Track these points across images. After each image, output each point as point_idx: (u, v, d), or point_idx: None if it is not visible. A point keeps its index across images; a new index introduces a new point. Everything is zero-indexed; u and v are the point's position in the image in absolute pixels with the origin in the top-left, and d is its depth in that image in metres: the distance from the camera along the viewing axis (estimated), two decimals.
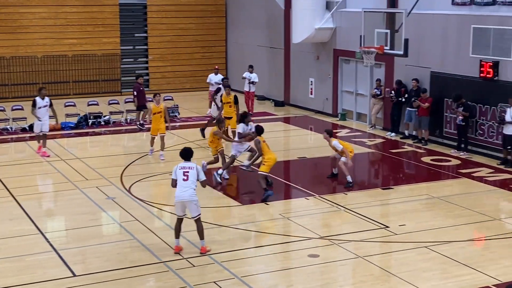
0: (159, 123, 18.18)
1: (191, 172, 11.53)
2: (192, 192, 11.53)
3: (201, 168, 11.70)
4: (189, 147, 12.05)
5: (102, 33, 29.05)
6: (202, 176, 11.65)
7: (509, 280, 10.29)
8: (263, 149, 14.87)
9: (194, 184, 11.57)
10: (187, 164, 11.65)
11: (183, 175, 11.54)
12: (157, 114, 18.11)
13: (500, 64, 17.78)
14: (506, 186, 15.74)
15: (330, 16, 23.76)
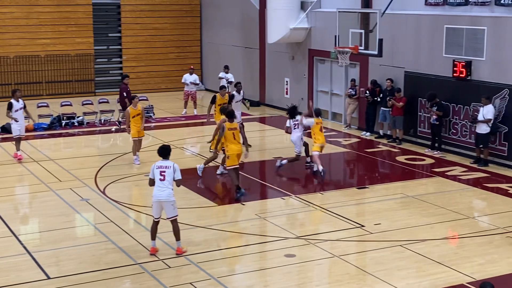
0: (139, 125, 17.87)
1: (167, 172, 11.46)
2: (169, 192, 11.48)
3: (178, 167, 11.60)
4: (167, 144, 11.98)
5: (76, 33, 28.82)
6: (178, 175, 11.57)
7: (483, 278, 10.39)
8: (226, 137, 14.75)
9: (171, 184, 11.52)
10: (164, 163, 11.57)
11: (160, 175, 11.48)
12: (136, 116, 17.82)
13: (472, 63, 17.96)
14: (479, 185, 15.90)
15: (305, 16, 23.83)
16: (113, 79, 30.20)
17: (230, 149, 14.83)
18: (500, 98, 17.23)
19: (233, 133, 14.82)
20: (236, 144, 14.88)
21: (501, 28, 17.22)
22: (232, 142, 14.82)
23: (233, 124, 14.87)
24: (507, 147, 17.22)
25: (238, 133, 14.90)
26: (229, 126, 14.82)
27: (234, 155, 14.82)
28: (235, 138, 14.83)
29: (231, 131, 14.80)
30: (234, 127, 14.86)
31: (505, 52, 17.16)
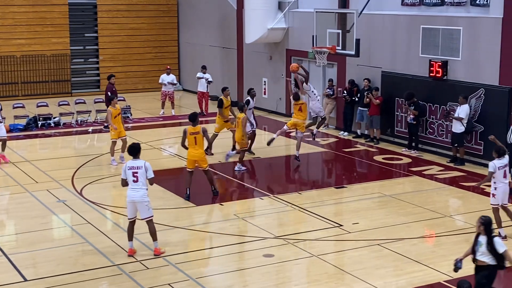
0: (121, 126, 17.69)
1: (140, 172, 11.43)
2: (143, 193, 11.46)
3: (149, 165, 11.55)
4: (137, 143, 11.95)
5: (51, 33, 28.58)
6: (151, 173, 11.55)
7: (460, 276, 10.46)
8: (188, 141, 14.55)
9: (145, 185, 11.49)
10: (135, 163, 11.52)
11: (133, 176, 11.45)
12: (118, 116, 17.64)
13: (449, 63, 18.10)
14: (456, 184, 16.04)
15: (282, 16, 23.86)
16: (89, 79, 30.03)
17: (188, 153, 14.64)
18: (476, 98, 17.40)
19: (195, 137, 14.47)
20: (195, 149, 14.52)
21: (477, 28, 17.38)
22: (192, 146, 14.52)
23: (195, 128, 14.45)
24: (483, 146, 17.38)
25: (200, 138, 14.47)
26: (191, 130, 14.48)
27: (191, 160, 14.61)
28: (196, 143, 14.49)
29: (193, 135, 14.47)
30: (197, 131, 14.44)
31: (480, 52, 17.32)
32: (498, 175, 12.04)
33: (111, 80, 22.46)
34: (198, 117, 14.66)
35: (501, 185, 12.08)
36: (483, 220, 9.19)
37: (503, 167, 12.04)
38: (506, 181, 12.15)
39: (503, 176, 12.05)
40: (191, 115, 14.65)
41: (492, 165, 12.05)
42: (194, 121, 14.51)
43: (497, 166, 11.99)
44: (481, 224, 9.17)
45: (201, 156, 14.62)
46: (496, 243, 9.07)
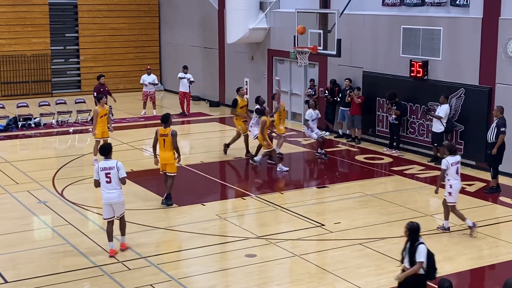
0: (105, 126, 17.57)
1: (112, 173, 11.45)
2: (119, 193, 11.55)
3: (121, 165, 11.56)
4: (108, 143, 11.94)
5: (32, 33, 28.38)
6: (123, 173, 11.56)
7: (441, 275, 10.53)
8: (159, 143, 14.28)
9: (118, 185, 11.53)
10: (107, 164, 11.51)
11: (106, 177, 11.45)
12: (104, 116, 17.49)
13: (429, 63, 18.21)
14: (436, 183, 16.08)
15: (264, 16, 23.87)
16: (70, 79, 29.85)
17: (159, 156, 14.32)
18: (456, 98, 17.52)
19: (164, 140, 14.07)
20: (163, 151, 14.14)
21: (457, 28, 17.51)
22: (161, 149, 14.16)
23: (165, 130, 14.08)
24: (463, 145, 17.50)
25: (169, 140, 14.02)
26: (161, 131, 14.14)
27: (161, 163, 14.29)
28: (165, 145, 14.07)
29: (162, 137, 14.09)
30: (166, 134, 14.07)
31: (460, 52, 17.44)
32: (451, 172, 12.33)
33: (100, 80, 22.35)
34: (170, 118, 14.27)
35: (455, 182, 12.41)
36: (410, 226, 8.94)
37: (456, 163, 12.36)
38: (458, 177, 12.48)
39: (456, 173, 12.37)
40: (163, 116, 14.37)
41: (444, 162, 12.35)
42: (166, 122, 14.16)
43: (449, 163, 12.28)
44: (407, 230, 8.92)
45: (170, 159, 14.17)
46: (418, 251, 8.74)
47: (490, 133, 15.13)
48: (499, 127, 14.87)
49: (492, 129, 15.11)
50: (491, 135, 15.07)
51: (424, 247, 8.75)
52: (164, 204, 14.20)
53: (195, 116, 24.87)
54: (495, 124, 15.01)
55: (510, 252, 11.78)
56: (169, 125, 14.17)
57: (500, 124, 14.88)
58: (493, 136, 14.97)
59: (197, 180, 16.58)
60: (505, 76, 16.37)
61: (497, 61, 16.48)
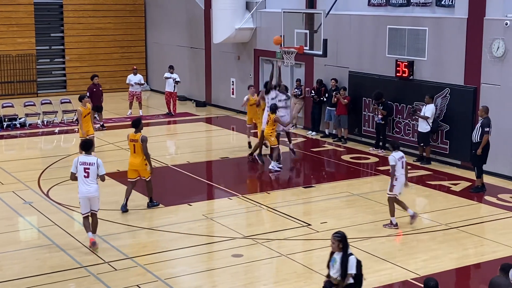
0: (90, 125, 17.70)
1: (92, 169, 11.66)
2: (96, 187, 11.75)
3: (101, 162, 11.72)
4: (89, 139, 11.98)
5: (17, 33, 28.21)
6: (102, 170, 11.72)
7: (427, 274, 10.60)
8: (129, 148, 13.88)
9: (95, 180, 11.72)
10: (88, 159, 11.70)
11: (84, 172, 11.65)
12: (87, 116, 17.62)
13: (415, 63, 18.29)
14: (422, 182, 16.21)
15: (250, 16, 23.88)
16: (55, 79, 29.70)
17: (129, 161, 13.97)
18: (442, 97, 17.61)
19: (134, 145, 13.67)
20: (134, 157, 13.75)
21: (442, 28, 17.59)
22: (131, 154, 13.80)
23: (135, 136, 13.66)
24: (448, 145, 17.60)
25: (139, 146, 13.60)
26: (131, 136, 13.74)
27: (130, 169, 13.89)
28: (135, 151, 13.69)
29: (132, 143, 13.69)
30: (136, 139, 13.63)
31: (446, 52, 17.54)
32: (397, 167, 12.73)
33: (94, 80, 22.26)
34: (141, 123, 13.94)
35: (400, 175, 12.76)
36: (340, 236, 8.51)
37: (401, 158, 12.78)
38: (403, 172, 12.84)
39: (401, 167, 12.76)
40: (134, 121, 13.99)
41: (392, 158, 12.74)
42: (136, 127, 13.78)
43: (396, 158, 12.71)
44: (336, 241, 8.50)
45: (140, 165, 13.74)
46: (350, 263, 8.44)
47: (475, 133, 15.22)
48: (483, 127, 14.94)
49: (477, 129, 15.19)
50: (476, 135, 15.15)
51: (354, 257, 8.49)
52: (151, 207, 14.11)
53: (181, 116, 24.83)
54: (480, 124, 15.10)
55: (495, 251, 11.86)
56: (140, 130, 13.79)
57: (484, 124, 14.96)
58: (478, 136, 15.06)
59: (183, 180, 16.56)
60: (490, 76, 16.48)
61: (482, 61, 16.58)
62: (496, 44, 16.17)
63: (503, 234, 12.65)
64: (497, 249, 11.91)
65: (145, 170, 13.82)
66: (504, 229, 13.00)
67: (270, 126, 17.08)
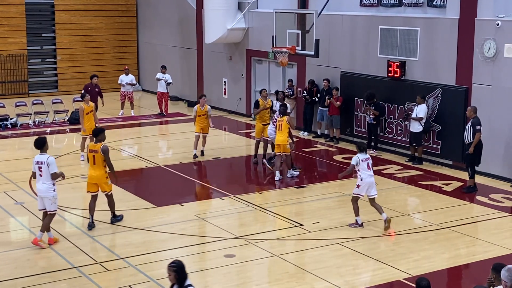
0: (92, 123, 17.73)
1: (43, 168, 11.80)
2: (47, 187, 11.84)
3: (52, 161, 11.80)
4: (43, 136, 12.15)
5: (8, 33, 28.11)
6: (52, 168, 11.79)
7: (418, 274, 10.62)
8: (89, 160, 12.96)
9: (49, 179, 11.80)
10: (40, 158, 11.85)
11: (38, 170, 11.86)
12: (90, 113, 17.83)
13: (406, 64, 18.33)
14: (414, 182, 16.25)
15: (242, 17, 23.87)
16: (47, 80, 29.61)
17: (88, 174, 13.00)
18: (433, 98, 17.65)
19: (94, 156, 12.70)
20: (94, 169, 12.73)
21: (434, 29, 17.64)
22: (91, 166, 12.78)
23: (95, 146, 12.73)
24: (440, 145, 17.65)
25: (99, 157, 12.65)
26: (91, 147, 12.81)
27: (90, 183, 12.89)
28: (95, 162, 12.68)
29: (92, 153, 12.72)
30: (95, 150, 12.70)
31: (437, 53, 17.58)
32: (363, 167, 12.91)
33: (93, 80, 22.23)
34: (102, 133, 12.89)
35: (365, 176, 12.89)
36: (175, 266, 7.33)
37: (366, 160, 12.95)
38: (370, 172, 12.96)
39: (367, 168, 12.91)
40: (94, 130, 13.16)
41: (355, 158, 12.98)
42: (96, 137, 12.84)
43: (360, 159, 12.92)
44: (172, 271, 7.32)
45: (101, 178, 12.76)
46: None
47: (467, 134, 15.28)
48: (474, 126, 15.03)
49: (467, 129, 15.25)
50: (468, 136, 15.22)
51: None
52: (114, 223, 13.09)
53: (173, 116, 24.80)
54: (470, 123, 15.17)
55: (487, 251, 11.90)
56: (100, 140, 12.81)
57: (475, 123, 15.05)
58: (470, 136, 15.13)
59: (175, 180, 16.54)
60: (481, 76, 16.53)
61: (474, 61, 16.63)
62: (487, 45, 16.23)
63: (494, 234, 12.70)
64: (489, 249, 11.95)
65: (106, 183, 12.85)
66: (495, 229, 13.05)
67: (284, 132, 16.21)
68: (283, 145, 16.21)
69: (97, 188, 12.91)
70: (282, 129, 16.19)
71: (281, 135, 16.21)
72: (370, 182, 12.92)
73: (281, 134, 16.21)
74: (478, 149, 15.17)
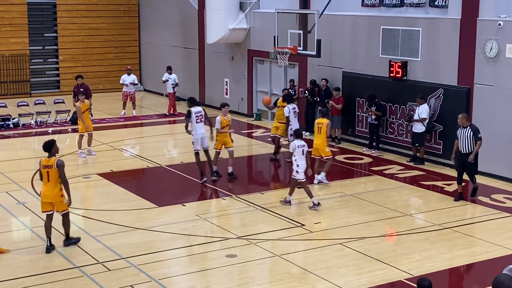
0: (88, 120, 18.56)
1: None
2: None
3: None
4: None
5: (10, 33, 28.15)
6: None
7: (420, 274, 10.62)
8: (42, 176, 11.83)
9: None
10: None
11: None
12: (86, 112, 18.45)
13: (408, 64, 18.33)
14: (416, 183, 16.24)
15: (243, 17, 23.88)
16: (49, 80, 29.65)
17: (41, 192, 11.85)
18: (435, 98, 17.65)
19: (48, 172, 11.49)
20: (48, 187, 11.53)
21: (435, 29, 17.63)
22: (45, 184, 11.58)
23: (49, 161, 11.56)
24: (442, 145, 17.64)
25: (54, 173, 11.45)
26: (44, 162, 11.59)
27: (44, 202, 11.73)
28: (49, 179, 11.50)
29: (45, 169, 11.52)
30: (49, 165, 11.52)
31: (439, 53, 17.58)
32: (298, 153, 13.97)
33: (77, 80, 22.44)
34: (54, 146, 11.67)
35: (301, 162, 13.99)
36: None
37: (302, 146, 13.99)
38: (304, 158, 14.02)
39: (302, 154, 13.98)
40: (46, 144, 11.72)
41: (292, 145, 14.10)
42: (49, 151, 11.60)
43: (296, 145, 13.99)
44: None
45: (56, 197, 11.61)
46: None
47: (465, 143, 14.32)
48: (476, 134, 14.22)
49: (466, 138, 14.28)
50: (467, 145, 14.31)
51: None
52: (68, 246, 11.90)
53: (175, 116, 24.80)
54: (470, 132, 14.23)
55: (488, 251, 11.89)
56: (54, 154, 11.64)
57: (476, 131, 14.25)
58: (470, 145, 14.27)
59: (177, 180, 16.55)
60: (483, 76, 16.52)
61: (475, 61, 16.62)
62: (489, 45, 16.22)
63: (496, 235, 12.69)
64: (490, 249, 11.94)
65: (61, 202, 11.67)
66: (497, 229, 13.04)
67: (323, 135, 15.72)
68: (321, 149, 15.77)
69: (52, 207, 11.70)
70: (321, 132, 15.73)
71: (320, 138, 15.76)
72: (305, 167, 14.05)
73: (320, 137, 15.75)
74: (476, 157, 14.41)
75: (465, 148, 14.34)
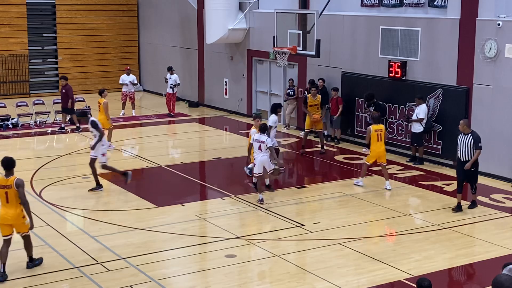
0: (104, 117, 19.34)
1: None
2: None
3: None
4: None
5: (9, 33, 28.14)
6: None
7: (420, 274, 10.62)
8: None
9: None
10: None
11: None
12: None
13: (407, 64, 18.34)
14: (415, 182, 16.25)
15: (243, 17, 23.88)
16: (48, 80, 29.64)
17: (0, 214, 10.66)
18: (434, 98, 17.66)
19: (6, 193, 10.51)
20: (8, 208, 10.58)
21: (435, 29, 17.64)
22: (4, 205, 10.64)
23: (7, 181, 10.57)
24: (441, 145, 17.65)
25: (13, 194, 10.50)
26: (2, 182, 10.62)
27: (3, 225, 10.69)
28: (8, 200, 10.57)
29: (4, 190, 10.56)
30: (8, 185, 10.51)
31: (438, 53, 17.58)
32: (255, 147, 14.34)
33: (61, 81, 22.67)
34: (13, 164, 10.80)
35: (257, 156, 14.30)
36: None
37: (259, 141, 14.26)
38: (261, 153, 14.28)
39: (258, 149, 14.26)
40: (4, 161, 10.84)
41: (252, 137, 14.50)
42: (8, 169, 10.70)
43: (254, 139, 14.35)
44: None
45: (17, 218, 10.59)
46: None
47: (464, 151, 13.80)
48: (476, 142, 13.66)
49: (466, 145, 13.75)
50: (467, 152, 13.79)
51: None
52: (31, 268, 11.04)
53: (174, 116, 24.80)
54: (471, 139, 13.70)
55: (488, 251, 11.90)
56: (13, 173, 10.72)
57: (477, 139, 13.70)
58: (471, 153, 13.75)
59: (176, 180, 16.55)
60: (482, 76, 16.53)
61: (475, 61, 16.63)
62: (488, 45, 16.23)
63: (495, 234, 12.70)
64: (490, 249, 11.95)
65: (23, 224, 10.72)
66: (496, 229, 13.05)
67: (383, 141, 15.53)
68: (383, 156, 15.63)
69: (11, 231, 10.68)
70: (381, 139, 15.49)
71: (382, 146, 15.56)
72: (262, 160, 14.27)
73: (382, 144, 15.55)
74: (475, 165, 13.93)
75: (465, 155, 13.82)
